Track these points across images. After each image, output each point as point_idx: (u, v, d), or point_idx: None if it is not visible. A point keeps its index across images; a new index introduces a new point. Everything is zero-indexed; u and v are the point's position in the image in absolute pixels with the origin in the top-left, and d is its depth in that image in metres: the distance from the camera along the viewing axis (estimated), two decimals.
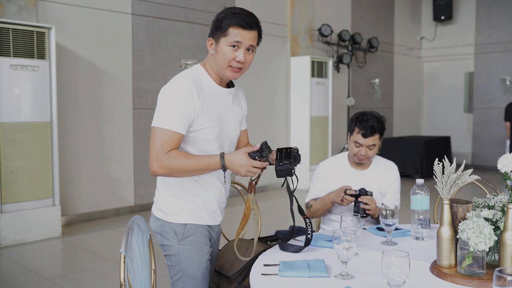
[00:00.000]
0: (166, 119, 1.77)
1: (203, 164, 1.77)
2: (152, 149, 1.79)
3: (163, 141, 1.76)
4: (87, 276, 3.76)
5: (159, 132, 1.77)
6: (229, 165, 1.76)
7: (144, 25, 5.84)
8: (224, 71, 1.85)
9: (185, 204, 1.90)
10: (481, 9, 10.13)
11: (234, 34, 1.79)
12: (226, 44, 1.80)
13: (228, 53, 1.80)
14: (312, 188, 2.69)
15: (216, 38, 1.84)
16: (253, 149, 1.75)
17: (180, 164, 1.76)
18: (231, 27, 1.79)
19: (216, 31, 1.83)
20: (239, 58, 1.80)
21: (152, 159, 1.78)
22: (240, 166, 1.74)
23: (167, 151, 1.76)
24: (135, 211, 5.76)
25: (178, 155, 1.77)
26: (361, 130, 2.50)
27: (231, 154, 1.77)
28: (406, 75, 10.69)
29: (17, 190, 4.50)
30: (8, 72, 4.41)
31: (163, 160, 1.76)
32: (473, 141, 10.19)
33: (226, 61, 1.81)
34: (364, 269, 1.66)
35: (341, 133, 8.72)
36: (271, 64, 7.40)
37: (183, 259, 1.90)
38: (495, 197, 1.68)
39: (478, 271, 1.51)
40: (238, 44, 1.80)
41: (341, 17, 8.75)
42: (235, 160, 1.75)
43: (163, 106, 1.80)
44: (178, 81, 1.83)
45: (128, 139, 5.77)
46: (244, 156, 1.73)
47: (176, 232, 1.90)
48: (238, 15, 1.79)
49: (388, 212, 1.93)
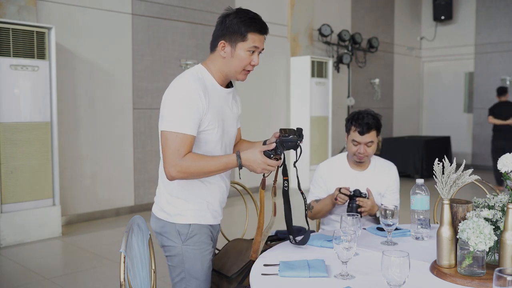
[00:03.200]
0: (177, 122, 1.75)
1: (222, 164, 1.78)
2: (167, 155, 1.76)
3: (178, 145, 1.74)
4: (87, 276, 3.76)
5: (173, 136, 1.75)
6: (245, 164, 1.78)
7: (144, 25, 5.84)
8: (237, 75, 1.87)
9: (188, 204, 1.90)
10: (481, 9, 10.13)
11: (253, 40, 1.82)
12: (245, 49, 1.82)
13: (246, 58, 1.83)
14: (313, 189, 2.69)
15: (233, 43, 1.83)
16: (269, 147, 1.77)
17: (198, 167, 1.76)
18: (250, 33, 1.81)
19: (233, 35, 1.82)
20: (255, 62, 1.85)
21: (169, 164, 1.75)
22: (256, 164, 1.76)
23: (183, 155, 1.75)
24: (135, 211, 5.76)
25: (195, 158, 1.76)
26: (357, 128, 2.52)
27: (247, 152, 1.78)
28: (406, 75, 10.69)
29: (17, 190, 4.50)
30: (8, 72, 4.41)
31: (181, 165, 1.74)
32: (473, 141, 10.19)
33: (242, 65, 1.84)
34: (364, 269, 1.66)
35: (341, 133, 8.71)
36: (271, 64, 7.40)
37: (186, 260, 1.89)
38: (495, 197, 1.68)
39: (478, 271, 1.51)
40: (256, 49, 1.84)
41: (341, 17, 8.75)
42: (251, 158, 1.76)
43: (171, 108, 1.78)
44: (184, 82, 1.81)
45: (128, 139, 5.77)
46: (259, 155, 1.76)
47: (180, 232, 1.89)
48: (255, 20, 1.82)
49: (388, 212, 1.93)
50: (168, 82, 1.88)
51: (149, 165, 5.92)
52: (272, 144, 1.77)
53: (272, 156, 1.76)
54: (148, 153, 5.93)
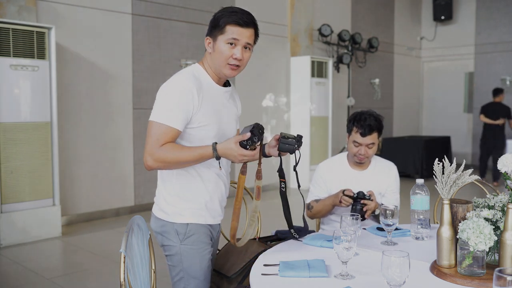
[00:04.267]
0: (163, 114, 1.79)
1: (197, 155, 1.78)
2: (146, 143, 1.80)
3: (158, 135, 1.77)
4: (87, 276, 3.76)
5: (156, 126, 1.79)
6: (222, 155, 1.78)
7: (144, 25, 5.84)
8: (222, 69, 1.87)
9: (187, 203, 1.90)
10: (481, 9, 10.13)
11: (231, 32, 1.82)
12: (224, 42, 1.83)
13: (226, 50, 1.83)
14: (313, 189, 2.69)
15: (214, 36, 1.86)
16: (243, 137, 1.74)
17: (173, 157, 1.77)
18: (228, 24, 1.81)
19: (214, 29, 1.86)
20: (237, 55, 1.83)
21: (146, 152, 1.79)
22: (232, 156, 1.77)
23: (161, 144, 1.77)
24: (135, 211, 5.76)
25: (171, 147, 1.78)
26: (359, 130, 2.51)
27: (223, 144, 1.77)
28: (406, 75, 10.69)
29: (17, 190, 4.50)
30: (8, 72, 4.41)
31: (156, 153, 1.77)
32: (473, 141, 10.19)
33: (224, 58, 1.84)
34: (364, 269, 1.66)
35: (341, 133, 8.72)
36: (271, 64, 7.40)
37: (185, 259, 1.90)
38: (495, 197, 1.68)
39: (478, 271, 1.51)
40: (235, 41, 1.82)
41: (341, 17, 8.75)
42: (227, 150, 1.76)
43: (161, 101, 1.82)
44: (177, 79, 1.85)
45: (128, 139, 5.77)
46: (235, 146, 1.74)
47: (178, 232, 1.90)
48: (235, 13, 1.82)
49: (388, 212, 1.93)
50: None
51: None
52: (246, 134, 1.74)
53: (248, 147, 1.74)
54: None
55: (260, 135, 1.77)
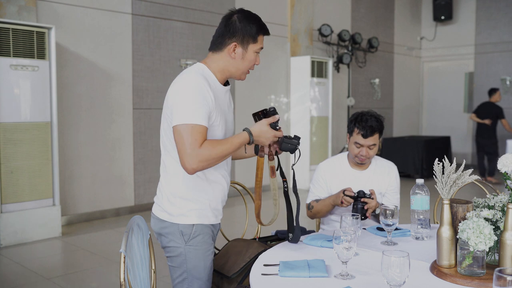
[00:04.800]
0: (190, 115, 1.75)
1: (237, 144, 1.83)
2: (184, 147, 1.73)
3: (195, 136, 1.73)
4: (87, 276, 3.76)
5: (187, 128, 1.74)
6: (256, 139, 1.87)
7: (144, 25, 5.84)
8: (242, 75, 1.96)
9: (191, 204, 1.89)
10: (481, 9, 10.13)
11: (261, 42, 1.93)
12: (254, 51, 1.92)
13: (254, 59, 1.94)
14: (313, 189, 2.69)
15: (245, 44, 1.90)
16: (274, 119, 1.89)
17: (217, 152, 1.76)
18: (260, 36, 1.92)
19: (245, 37, 1.89)
20: (258, 62, 1.97)
21: (187, 157, 1.72)
22: (265, 138, 1.87)
23: (200, 144, 1.74)
24: (135, 211, 5.76)
25: (211, 145, 1.76)
26: (360, 131, 2.50)
27: (256, 127, 1.87)
28: (406, 75, 10.69)
29: (17, 190, 4.50)
30: (8, 72, 4.41)
31: (200, 154, 1.72)
32: (473, 141, 10.18)
33: (250, 66, 1.95)
34: (364, 269, 1.66)
35: (341, 133, 8.72)
36: (271, 64, 7.40)
37: (189, 260, 1.89)
38: (495, 197, 1.68)
39: (478, 271, 1.51)
40: (261, 50, 1.95)
41: (341, 17, 8.75)
42: (261, 133, 1.86)
43: (183, 103, 1.77)
44: (190, 78, 1.82)
45: (128, 139, 5.77)
46: (268, 128, 1.87)
47: (183, 233, 1.89)
48: (262, 22, 1.93)
49: (388, 212, 1.93)
50: (168, 82, 1.91)
51: (149, 165, 5.92)
52: (276, 116, 1.89)
53: (277, 128, 1.89)
54: (148, 153, 5.93)
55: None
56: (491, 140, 8.38)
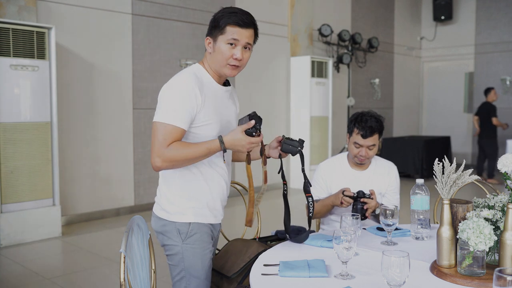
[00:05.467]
0: (167, 114, 1.79)
1: (204, 150, 1.80)
2: (153, 144, 1.79)
3: (165, 135, 1.77)
4: (87, 276, 3.76)
5: (161, 127, 1.78)
6: (229, 147, 1.81)
7: (144, 25, 5.84)
8: (222, 69, 1.89)
9: (189, 202, 1.91)
10: (481, 9, 10.13)
11: (231, 32, 1.83)
12: (224, 42, 1.85)
13: (226, 51, 1.85)
14: (313, 189, 2.69)
15: (214, 37, 1.88)
16: (249, 126, 1.79)
17: (182, 155, 1.77)
18: (228, 25, 1.83)
19: (214, 29, 1.87)
20: (237, 55, 1.85)
21: (153, 154, 1.78)
22: (240, 146, 1.80)
23: (168, 144, 1.77)
24: (135, 211, 5.76)
25: (179, 145, 1.78)
26: (360, 131, 2.50)
27: (230, 135, 1.80)
28: (406, 75, 10.69)
29: (17, 190, 4.50)
30: (8, 72, 4.41)
31: (165, 154, 1.76)
32: (473, 141, 10.19)
33: (224, 58, 1.86)
34: (364, 269, 1.66)
35: (341, 133, 8.72)
36: (271, 64, 7.40)
37: (186, 258, 1.91)
38: (495, 197, 1.68)
39: (478, 271, 1.51)
40: (235, 41, 1.84)
41: (341, 17, 8.75)
42: (234, 141, 1.79)
43: (164, 102, 1.82)
44: (179, 78, 1.85)
45: (128, 139, 5.77)
46: (242, 135, 1.78)
47: (180, 231, 1.90)
48: (235, 14, 1.84)
49: (388, 212, 1.93)
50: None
51: (149, 165, 5.91)
52: (250, 122, 1.79)
53: (254, 134, 1.80)
54: (148, 153, 5.93)
55: (260, 121, 1.82)
56: (490, 140, 8.39)
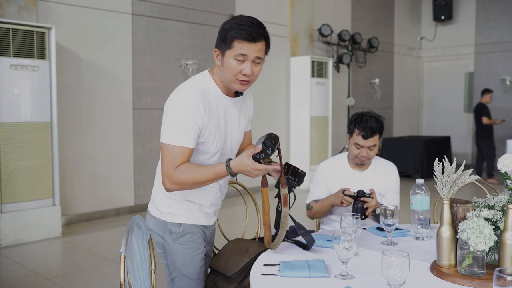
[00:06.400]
0: (174, 135, 1.75)
1: (213, 175, 1.75)
2: (163, 166, 1.78)
3: (173, 157, 1.75)
4: (87, 276, 3.76)
5: (169, 148, 1.75)
6: (237, 171, 1.73)
7: (144, 25, 5.84)
8: (231, 84, 1.80)
9: (181, 204, 1.92)
10: (481, 9, 10.13)
11: (239, 48, 1.72)
12: (232, 57, 1.74)
13: (234, 66, 1.75)
14: (313, 189, 2.69)
15: (222, 50, 1.78)
16: (255, 150, 1.68)
17: (190, 178, 1.75)
18: (236, 40, 1.72)
19: (222, 43, 1.77)
20: (246, 71, 1.75)
21: (164, 176, 1.77)
22: (247, 171, 1.71)
23: (177, 166, 1.75)
24: (135, 211, 5.76)
25: (187, 169, 1.75)
26: (361, 132, 2.50)
27: (237, 160, 1.72)
28: (406, 75, 10.69)
29: (17, 190, 4.50)
30: (8, 72, 4.41)
31: (173, 176, 1.75)
32: (473, 141, 10.19)
33: (233, 74, 1.76)
34: (364, 269, 1.66)
35: (341, 133, 8.72)
36: (271, 64, 7.39)
37: (177, 258, 1.92)
38: (495, 197, 1.68)
39: (478, 271, 1.51)
40: (243, 57, 1.74)
41: (341, 17, 8.75)
42: (241, 166, 1.71)
43: (170, 121, 1.77)
44: (185, 94, 1.79)
45: (128, 139, 5.77)
46: (248, 161, 1.68)
47: (172, 231, 1.92)
48: (244, 27, 1.71)
49: (388, 212, 1.93)
50: (168, 82, 1.90)
51: (149, 165, 5.92)
52: (258, 147, 1.67)
53: (261, 160, 1.68)
54: (148, 153, 5.93)
55: (273, 145, 1.68)
56: (486, 140, 8.40)
